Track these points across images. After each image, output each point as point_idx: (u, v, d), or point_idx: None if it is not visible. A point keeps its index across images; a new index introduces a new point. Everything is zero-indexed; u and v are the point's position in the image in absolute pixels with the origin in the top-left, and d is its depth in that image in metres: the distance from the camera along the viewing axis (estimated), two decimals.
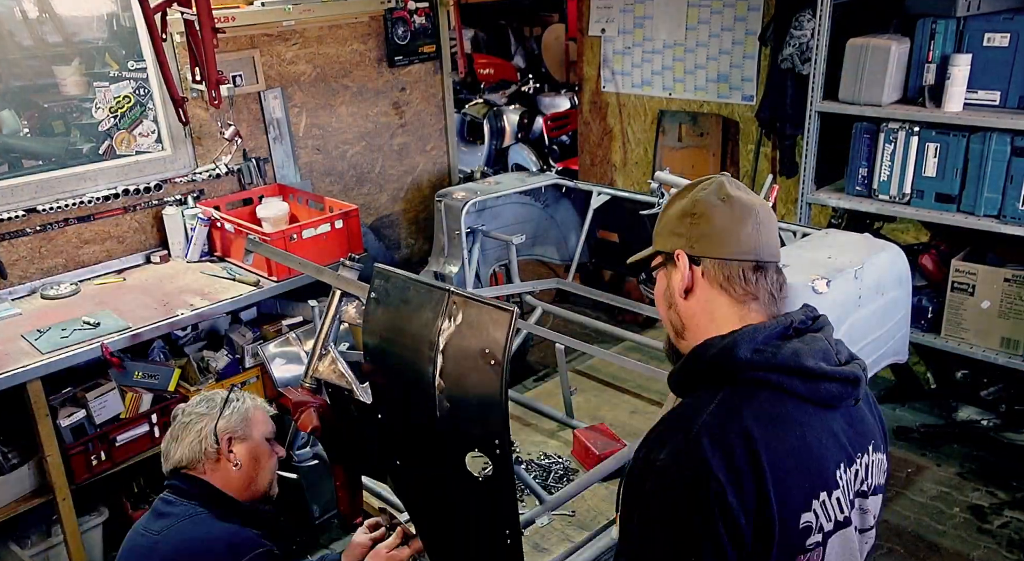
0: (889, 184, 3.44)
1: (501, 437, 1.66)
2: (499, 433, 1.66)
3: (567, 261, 3.97)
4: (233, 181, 3.80)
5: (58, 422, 2.85)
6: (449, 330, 1.66)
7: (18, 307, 3.10)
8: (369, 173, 4.36)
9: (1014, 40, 3.14)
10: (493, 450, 1.67)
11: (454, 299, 1.67)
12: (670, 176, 2.64)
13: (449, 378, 1.67)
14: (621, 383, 3.56)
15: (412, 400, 1.76)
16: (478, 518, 1.81)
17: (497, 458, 1.68)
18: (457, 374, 1.66)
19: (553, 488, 2.84)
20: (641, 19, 4.62)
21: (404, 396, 1.81)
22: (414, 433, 1.82)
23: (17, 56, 3.17)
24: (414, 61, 4.38)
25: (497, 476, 1.70)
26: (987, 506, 3.24)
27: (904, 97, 3.44)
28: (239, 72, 3.68)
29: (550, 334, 3.32)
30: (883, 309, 2.64)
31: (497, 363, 1.60)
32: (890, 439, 3.79)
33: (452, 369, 1.67)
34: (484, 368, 1.62)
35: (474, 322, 1.64)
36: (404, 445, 1.89)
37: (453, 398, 1.68)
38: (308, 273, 2.68)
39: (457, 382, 1.67)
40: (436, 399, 1.69)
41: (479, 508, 1.78)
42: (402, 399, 1.82)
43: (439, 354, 1.67)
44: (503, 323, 1.59)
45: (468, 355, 1.64)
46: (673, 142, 4.63)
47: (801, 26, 3.73)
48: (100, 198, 3.36)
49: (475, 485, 1.73)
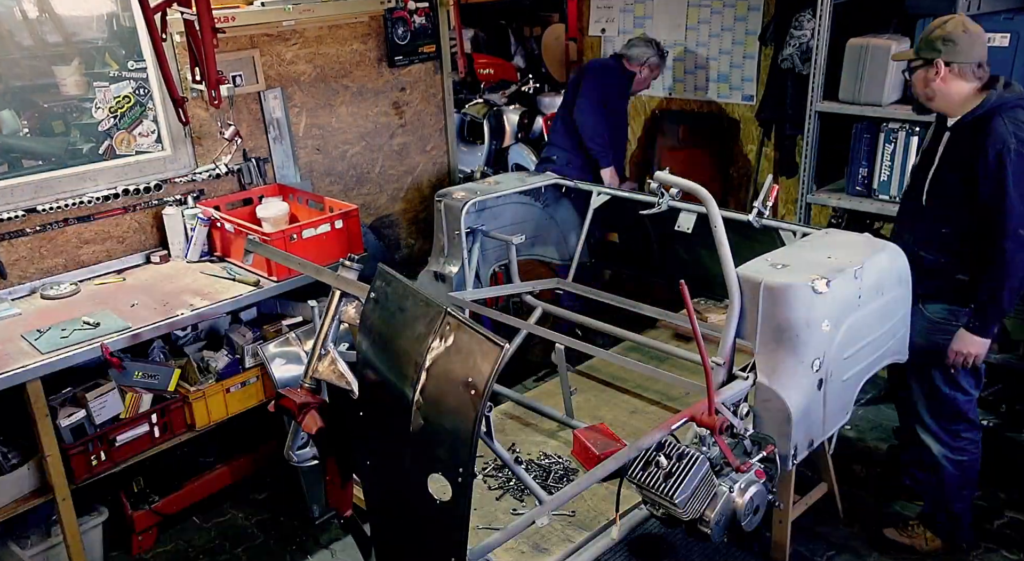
0: (889, 184, 3.44)
1: (466, 467, 1.64)
2: (465, 463, 1.64)
3: (567, 261, 3.97)
4: (233, 181, 3.80)
5: (58, 422, 2.85)
6: (438, 350, 1.64)
7: (18, 307, 3.10)
8: (369, 173, 4.36)
9: (1014, 40, 3.15)
10: (455, 478, 1.66)
11: (449, 320, 1.65)
12: (670, 176, 2.63)
13: (428, 397, 1.66)
14: (621, 383, 3.56)
15: (390, 407, 1.75)
16: (430, 539, 1.79)
17: (458, 486, 1.66)
18: (436, 395, 1.65)
19: (553, 488, 2.84)
20: (641, 19, 4.62)
21: (384, 401, 1.80)
22: (387, 439, 1.82)
23: (17, 56, 3.16)
24: (414, 61, 4.38)
25: (454, 504, 1.68)
26: (987, 506, 3.24)
27: (904, 97, 3.44)
28: (239, 72, 3.68)
29: (550, 334, 3.32)
30: (883, 309, 2.64)
31: (477, 394, 1.58)
32: (890, 439, 3.78)
33: (432, 389, 1.65)
34: (464, 396, 1.60)
35: (463, 348, 1.62)
36: (377, 447, 1.89)
37: (428, 417, 1.66)
38: (308, 273, 2.68)
39: (435, 403, 1.65)
40: (412, 413, 1.68)
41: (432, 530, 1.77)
42: (382, 403, 1.82)
43: (423, 372, 1.65)
44: (491, 357, 1.57)
45: (451, 380, 1.63)
46: (673, 142, 4.63)
47: (801, 26, 3.73)
48: (100, 198, 3.35)
49: (432, 507, 1.71)
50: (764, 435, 2.41)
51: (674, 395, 3.44)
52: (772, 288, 2.36)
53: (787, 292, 2.35)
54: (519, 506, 2.81)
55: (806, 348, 2.40)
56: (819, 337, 2.42)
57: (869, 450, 3.59)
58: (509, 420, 3.34)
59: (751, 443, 2.40)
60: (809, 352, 2.41)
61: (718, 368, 2.46)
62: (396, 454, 1.77)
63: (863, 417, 3.82)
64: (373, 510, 1.97)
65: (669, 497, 2.15)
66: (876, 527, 3.14)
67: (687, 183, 2.56)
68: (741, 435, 2.35)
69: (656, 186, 3.29)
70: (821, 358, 2.44)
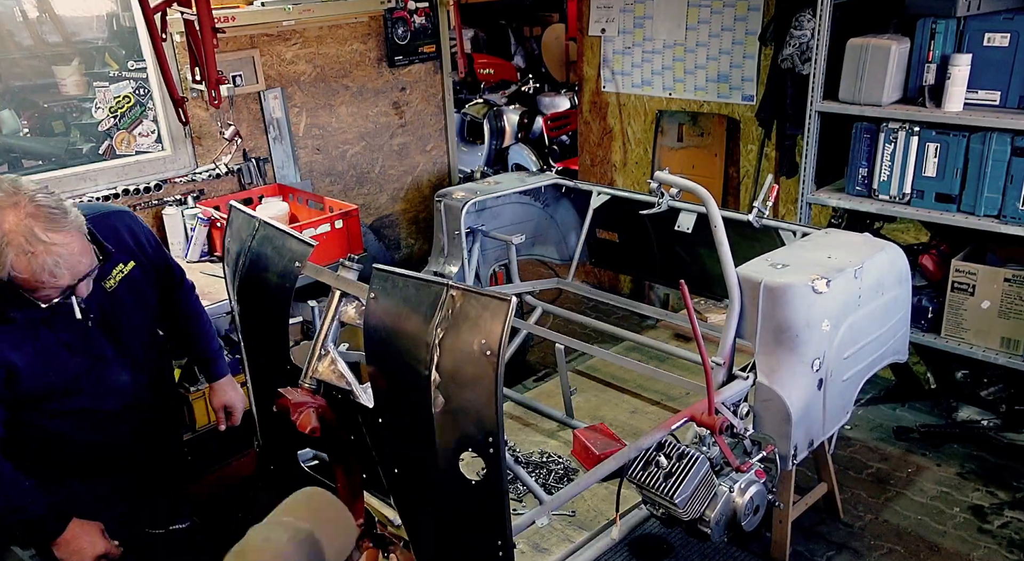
0: (889, 184, 3.44)
1: (495, 436, 1.65)
2: (492, 431, 1.65)
3: (567, 261, 3.97)
4: (233, 181, 3.80)
5: None
6: (447, 323, 1.66)
7: None
8: (369, 173, 4.36)
9: (1014, 40, 3.14)
10: (487, 448, 1.67)
11: (452, 292, 1.67)
12: (670, 176, 2.64)
13: (445, 372, 1.67)
14: (621, 383, 3.56)
15: (409, 400, 1.76)
16: (471, 527, 1.80)
17: (490, 458, 1.67)
18: (453, 367, 1.66)
19: (553, 488, 2.84)
20: (641, 19, 4.62)
21: (402, 396, 1.81)
22: (411, 434, 1.82)
23: (17, 56, 3.17)
24: (414, 61, 4.38)
25: (489, 480, 1.69)
26: (987, 506, 3.24)
27: (904, 97, 3.44)
28: (239, 72, 3.68)
29: (550, 334, 3.32)
30: (883, 309, 2.64)
31: (492, 354, 1.60)
32: (890, 439, 3.79)
33: (448, 362, 1.66)
34: (480, 361, 1.62)
35: (471, 314, 1.64)
36: (402, 450, 1.89)
37: (449, 393, 1.68)
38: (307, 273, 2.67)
39: (452, 376, 1.67)
40: (432, 394, 1.69)
41: (472, 516, 1.77)
42: (400, 398, 1.82)
43: (436, 348, 1.67)
44: (500, 313, 1.59)
45: (464, 347, 1.64)
46: (673, 142, 4.63)
47: (801, 26, 3.73)
48: (100, 198, 3.36)
49: (468, 490, 1.72)
50: (764, 435, 2.41)
51: (674, 395, 3.44)
52: (772, 288, 2.36)
53: (787, 292, 2.35)
54: (519, 506, 2.81)
55: (806, 348, 2.40)
56: (819, 337, 2.42)
57: (869, 450, 3.59)
58: (509, 420, 3.34)
59: (751, 443, 2.40)
60: (809, 352, 2.41)
61: (718, 368, 2.46)
62: (423, 446, 1.77)
63: (863, 417, 3.82)
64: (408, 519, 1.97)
65: (669, 497, 2.15)
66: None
67: (687, 183, 2.57)
68: (741, 435, 2.35)
69: (656, 186, 3.29)
70: (821, 358, 2.44)
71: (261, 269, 2.28)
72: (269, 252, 2.26)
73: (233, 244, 2.39)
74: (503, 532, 1.75)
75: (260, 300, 2.31)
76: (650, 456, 2.23)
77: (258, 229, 2.29)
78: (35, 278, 1.82)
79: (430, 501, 1.87)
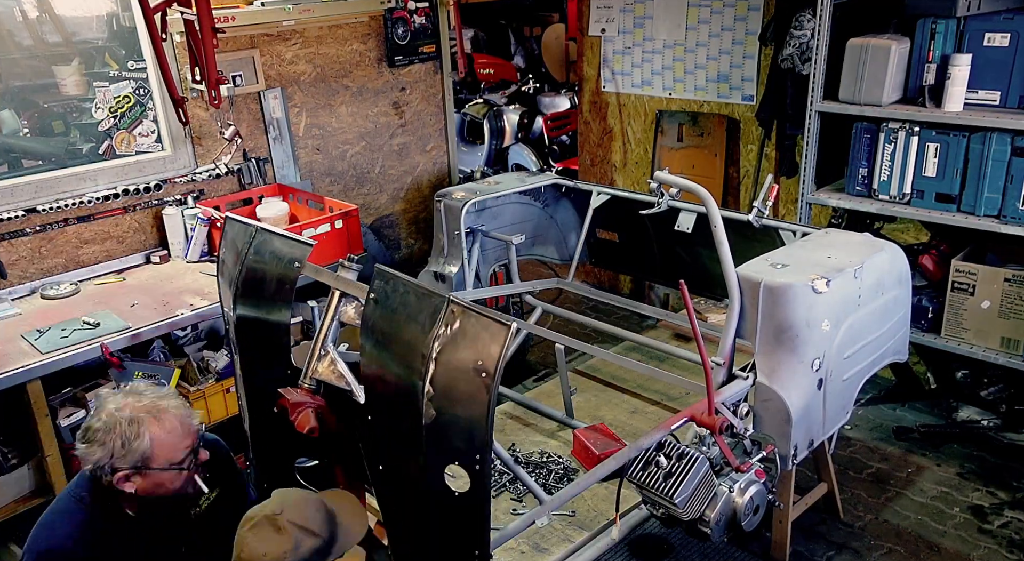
0: (889, 184, 3.44)
1: (483, 453, 1.64)
2: (481, 449, 1.64)
3: (567, 261, 3.97)
4: (233, 181, 3.80)
5: (58, 422, 2.85)
6: (444, 338, 1.65)
7: (18, 307, 3.10)
8: (369, 173, 4.36)
9: (1014, 40, 3.14)
10: (473, 465, 1.65)
11: (452, 307, 1.65)
12: (670, 176, 2.64)
13: (439, 387, 1.66)
14: (621, 383, 3.56)
15: (400, 404, 1.75)
16: (449, 533, 1.79)
17: (476, 474, 1.66)
18: (447, 383, 1.65)
19: (553, 488, 2.84)
20: (641, 19, 4.62)
21: (394, 399, 1.80)
22: (399, 438, 1.82)
23: (17, 56, 3.17)
24: (414, 61, 4.38)
25: (473, 494, 1.68)
26: (987, 506, 3.24)
27: (904, 97, 3.44)
28: (239, 72, 3.68)
29: (550, 334, 3.32)
30: (883, 308, 2.64)
31: (488, 376, 1.58)
32: (890, 439, 3.78)
33: (442, 377, 1.65)
34: (475, 381, 1.60)
35: (470, 333, 1.62)
36: (388, 449, 1.89)
37: (440, 408, 1.67)
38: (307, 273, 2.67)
39: (446, 392, 1.65)
40: (423, 405, 1.68)
41: (452, 523, 1.77)
42: (391, 402, 1.82)
43: (431, 361, 1.65)
44: (500, 337, 1.58)
45: (460, 365, 1.63)
46: (673, 142, 4.63)
47: (801, 26, 3.73)
48: (100, 198, 3.36)
49: (450, 500, 1.71)
50: (764, 435, 2.41)
51: (674, 395, 3.44)
52: (772, 288, 2.36)
53: (787, 292, 2.35)
54: (519, 506, 2.81)
55: (806, 348, 2.40)
56: (819, 337, 2.41)
57: (869, 450, 3.59)
58: (509, 420, 3.34)
59: (751, 443, 2.40)
60: (809, 352, 2.41)
61: (718, 368, 2.46)
62: (410, 452, 1.77)
63: (863, 417, 3.82)
64: (388, 516, 1.97)
65: (669, 497, 2.15)
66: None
67: (687, 183, 2.57)
68: (741, 435, 2.35)
69: (656, 186, 3.29)
70: (821, 358, 2.44)
71: (260, 274, 2.28)
72: (267, 256, 2.26)
73: (229, 254, 2.39)
74: (481, 539, 1.74)
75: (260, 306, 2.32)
76: (650, 456, 2.23)
77: (255, 235, 2.29)
78: (172, 433, 2.00)
79: (411, 503, 1.86)
